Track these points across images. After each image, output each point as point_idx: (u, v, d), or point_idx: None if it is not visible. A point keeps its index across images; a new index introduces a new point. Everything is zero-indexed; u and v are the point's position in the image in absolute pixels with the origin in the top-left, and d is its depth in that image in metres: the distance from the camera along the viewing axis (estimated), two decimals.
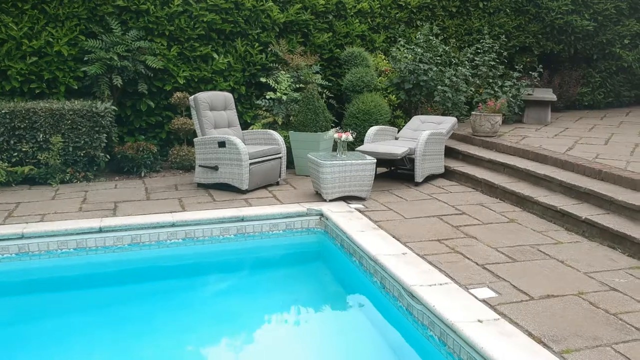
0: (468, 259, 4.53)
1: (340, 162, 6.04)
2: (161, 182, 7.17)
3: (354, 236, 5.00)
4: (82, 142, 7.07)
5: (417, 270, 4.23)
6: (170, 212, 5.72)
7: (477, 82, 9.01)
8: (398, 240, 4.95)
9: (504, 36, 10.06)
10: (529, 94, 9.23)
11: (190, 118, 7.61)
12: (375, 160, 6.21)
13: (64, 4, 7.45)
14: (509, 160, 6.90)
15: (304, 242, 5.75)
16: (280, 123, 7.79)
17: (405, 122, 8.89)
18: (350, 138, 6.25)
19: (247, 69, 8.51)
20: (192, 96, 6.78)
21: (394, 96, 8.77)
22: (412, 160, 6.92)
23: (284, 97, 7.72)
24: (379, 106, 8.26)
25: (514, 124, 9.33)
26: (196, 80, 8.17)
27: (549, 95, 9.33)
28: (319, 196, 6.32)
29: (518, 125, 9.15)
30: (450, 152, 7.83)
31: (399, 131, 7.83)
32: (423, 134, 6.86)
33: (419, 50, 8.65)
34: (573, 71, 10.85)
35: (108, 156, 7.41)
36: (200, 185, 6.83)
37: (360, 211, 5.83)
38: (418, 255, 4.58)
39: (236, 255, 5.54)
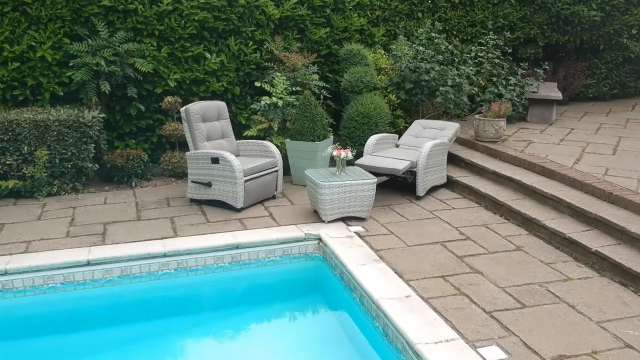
0: (475, 303, 4.31)
1: (340, 182, 5.77)
2: (152, 195, 6.90)
3: (354, 272, 4.77)
4: (69, 153, 6.76)
5: (422, 321, 4.02)
6: (162, 238, 5.47)
7: (480, 81, 8.67)
8: (401, 276, 4.72)
9: (508, 32, 9.66)
10: (533, 92, 8.91)
11: (182, 123, 7.28)
12: (376, 180, 5.94)
13: (46, 5, 7.03)
14: (514, 173, 6.63)
15: (301, 269, 5.52)
16: (276, 129, 7.47)
17: (406, 122, 8.60)
18: (350, 156, 5.98)
19: (242, 69, 8.15)
20: (184, 108, 6.46)
21: (393, 96, 8.44)
22: (413, 173, 6.65)
23: (280, 102, 7.38)
24: (378, 108, 7.94)
25: (518, 122, 9.03)
26: (188, 82, 7.81)
27: (554, 93, 9.01)
28: (316, 215, 6.07)
29: (522, 125, 8.86)
30: (452, 159, 7.56)
31: (399, 137, 7.53)
32: (425, 147, 6.57)
33: (421, 48, 8.29)
34: (578, 62, 10.50)
35: (97, 165, 7.12)
36: (193, 201, 6.56)
37: (360, 235, 5.59)
38: (422, 298, 4.36)
39: (230, 285, 5.30)
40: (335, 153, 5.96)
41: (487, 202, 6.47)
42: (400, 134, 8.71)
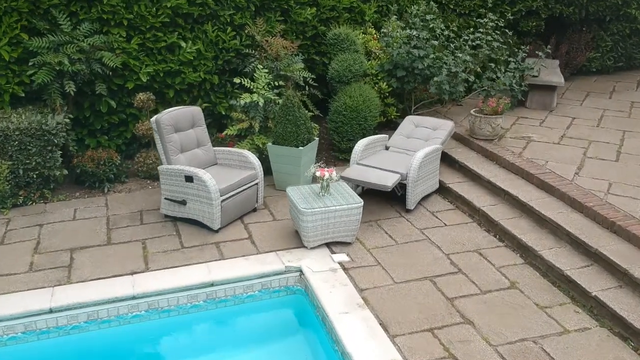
0: None
1: (323, 208, 5.35)
2: (126, 205, 6.46)
3: (336, 324, 4.44)
4: (34, 163, 6.28)
5: None
6: (132, 274, 5.11)
7: (478, 69, 8.07)
8: (386, 329, 4.40)
9: (509, 14, 8.93)
10: (533, 76, 8.33)
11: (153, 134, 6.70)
12: (362, 204, 5.51)
13: None
14: (511, 185, 6.21)
15: (282, 304, 5.19)
16: (257, 129, 6.94)
17: (397, 111, 8.10)
18: (334, 176, 5.53)
19: (220, 56, 7.52)
20: (154, 118, 5.92)
21: (384, 84, 7.87)
22: (403, 186, 6.22)
23: (261, 101, 6.80)
24: (368, 101, 7.41)
25: (517, 109, 8.49)
26: (162, 74, 7.21)
27: (555, 77, 8.44)
28: (299, 237, 5.68)
29: (520, 113, 8.34)
30: (445, 158, 7.10)
31: (389, 137, 7.04)
32: (416, 158, 6.10)
33: (414, 32, 7.66)
34: (582, 34, 9.84)
35: (66, 171, 6.65)
36: (168, 217, 6.14)
37: (344, 268, 5.23)
38: None
39: (205, 327, 4.96)
40: (318, 174, 5.51)
41: (481, 217, 6.09)
42: (391, 123, 8.25)
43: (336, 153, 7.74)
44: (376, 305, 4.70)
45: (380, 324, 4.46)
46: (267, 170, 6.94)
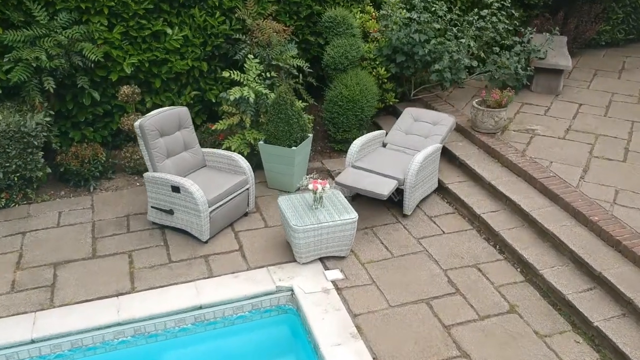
0: None
1: (316, 225, 5.11)
2: (112, 207, 6.22)
3: (327, 357, 4.29)
4: (14, 165, 6.00)
5: None
6: (117, 295, 4.92)
7: (482, 54, 7.65)
8: None
9: None
10: (540, 59, 7.92)
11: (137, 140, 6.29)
12: (357, 217, 5.26)
13: None
14: (512, 189, 5.96)
15: (273, 325, 5.02)
16: (248, 124, 6.59)
17: (396, 97, 7.75)
18: (328, 188, 5.27)
19: (209, 42, 7.10)
20: (137, 122, 5.58)
21: (383, 69, 7.47)
22: (401, 192, 5.97)
23: (252, 97, 6.41)
24: (365, 90, 7.04)
25: (521, 93, 8.09)
26: (147, 64, 6.81)
27: (563, 60, 8.01)
28: (290, 249, 5.47)
29: (525, 99, 7.96)
30: (445, 153, 6.80)
31: (387, 132, 6.72)
32: (414, 161, 5.81)
33: (415, 15, 7.21)
34: (593, 6, 9.32)
35: (49, 169, 6.38)
36: (156, 224, 5.90)
37: (337, 288, 5.04)
38: None
39: (193, 351, 4.80)
40: (311, 186, 5.24)
41: (481, 225, 5.86)
42: (389, 107, 7.93)
43: (332, 144, 7.45)
44: (370, 335, 4.54)
45: (373, 359, 4.31)
46: (259, 166, 6.68)
